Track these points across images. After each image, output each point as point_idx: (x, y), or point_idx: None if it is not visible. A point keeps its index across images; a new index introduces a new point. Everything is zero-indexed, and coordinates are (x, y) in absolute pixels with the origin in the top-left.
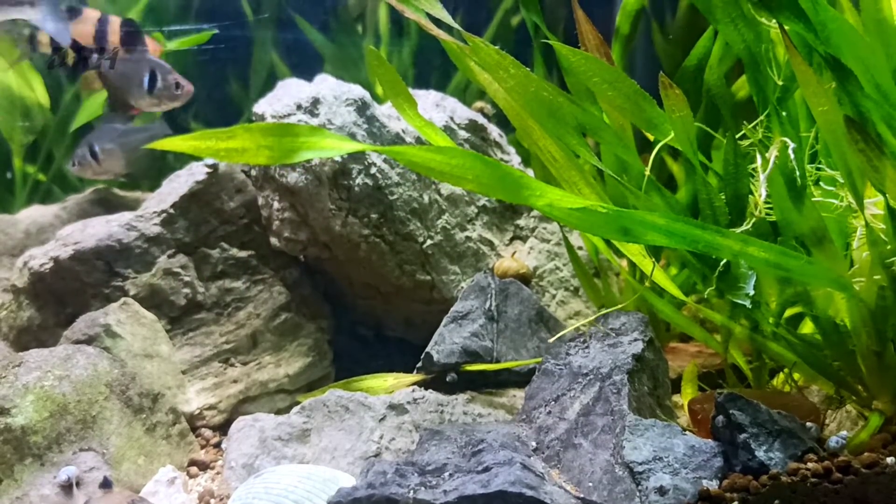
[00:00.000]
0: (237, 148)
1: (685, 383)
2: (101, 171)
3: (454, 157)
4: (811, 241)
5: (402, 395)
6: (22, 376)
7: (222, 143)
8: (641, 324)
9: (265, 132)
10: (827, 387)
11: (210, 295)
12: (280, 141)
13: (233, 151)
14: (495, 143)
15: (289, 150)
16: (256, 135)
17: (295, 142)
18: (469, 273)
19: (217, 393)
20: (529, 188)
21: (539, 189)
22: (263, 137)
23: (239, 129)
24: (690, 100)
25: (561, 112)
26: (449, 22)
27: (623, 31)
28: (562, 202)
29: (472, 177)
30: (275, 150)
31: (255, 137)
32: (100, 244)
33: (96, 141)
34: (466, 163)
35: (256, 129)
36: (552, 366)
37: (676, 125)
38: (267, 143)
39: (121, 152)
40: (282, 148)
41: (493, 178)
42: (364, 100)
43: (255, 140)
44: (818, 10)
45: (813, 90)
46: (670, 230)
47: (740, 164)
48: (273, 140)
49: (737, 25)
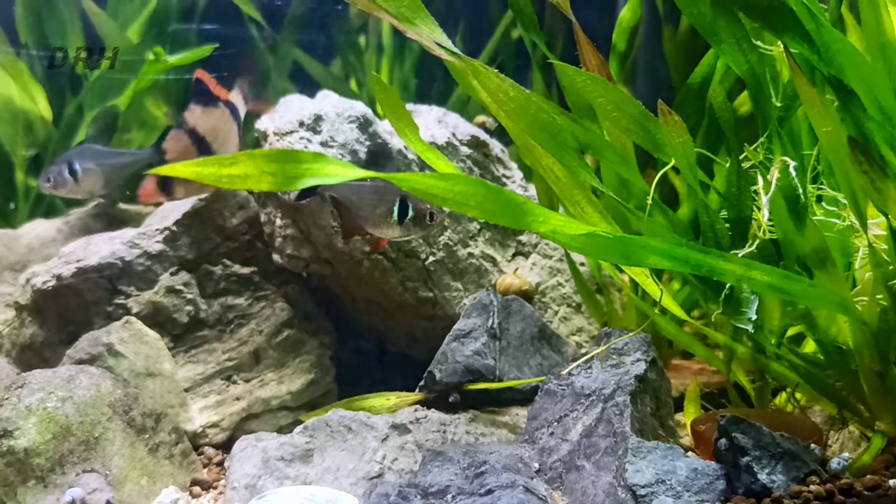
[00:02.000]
0: (240, 174)
1: (688, 402)
2: (79, 190)
3: (457, 184)
4: (813, 262)
5: (405, 414)
6: (25, 398)
7: (225, 169)
8: (644, 344)
9: (268, 158)
10: (829, 407)
11: (212, 312)
12: (283, 167)
13: (235, 178)
14: (497, 159)
15: (292, 176)
16: (259, 161)
17: (298, 168)
18: (471, 289)
19: (220, 411)
20: (533, 214)
21: (542, 215)
22: (266, 164)
23: (242, 156)
24: (694, 116)
25: (562, 135)
26: (449, 47)
27: (619, 47)
28: (565, 228)
29: (476, 203)
30: (278, 176)
31: (258, 163)
32: (102, 262)
33: (77, 159)
34: (469, 189)
35: (259, 155)
36: (555, 386)
37: (677, 151)
38: (270, 170)
39: (101, 173)
40: (285, 174)
41: (497, 204)
42: (366, 117)
43: (258, 166)
44: (822, 32)
45: (817, 111)
46: (672, 254)
47: (743, 186)
48: (276, 166)
49: (741, 46)
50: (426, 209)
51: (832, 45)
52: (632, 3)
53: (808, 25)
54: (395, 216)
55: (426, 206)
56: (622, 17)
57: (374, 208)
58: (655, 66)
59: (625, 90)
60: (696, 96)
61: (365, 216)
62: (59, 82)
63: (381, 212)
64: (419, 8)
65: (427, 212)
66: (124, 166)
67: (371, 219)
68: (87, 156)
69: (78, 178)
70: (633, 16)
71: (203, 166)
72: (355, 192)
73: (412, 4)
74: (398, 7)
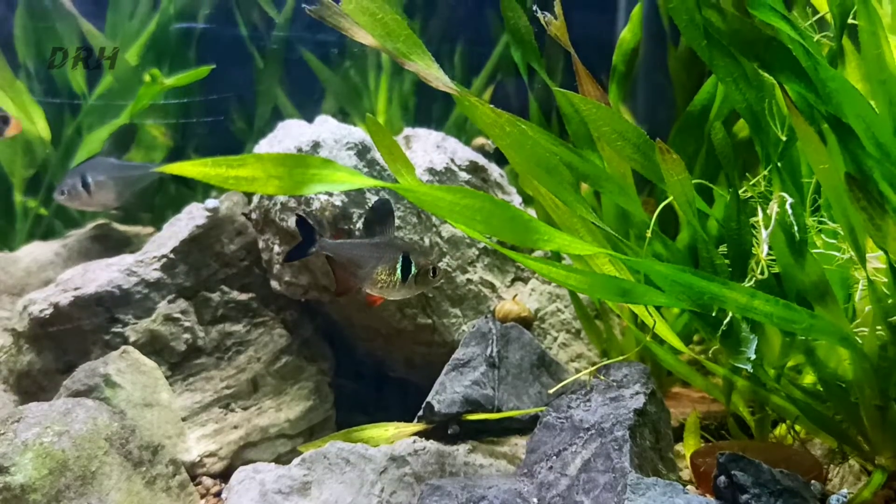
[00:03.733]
0: (247, 176)
1: (688, 434)
2: (92, 203)
3: (464, 198)
4: (813, 296)
5: (403, 445)
6: (21, 433)
7: (232, 170)
8: (643, 375)
9: (276, 162)
10: (829, 440)
11: (210, 339)
12: (291, 171)
13: (242, 180)
14: (496, 184)
15: (299, 181)
16: (267, 164)
17: (306, 173)
18: (470, 316)
19: (217, 439)
20: (538, 232)
21: (547, 233)
22: (274, 167)
23: (250, 158)
24: (695, 143)
25: (559, 170)
26: (445, 82)
27: (620, 69)
28: (570, 247)
29: (482, 218)
30: (285, 180)
31: (265, 167)
32: (100, 290)
33: (90, 172)
34: (476, 203)
35: (268, 158)
36: (553, 419)
37: (675, 188)
38: (277, 173)
39: (114, 186)
40: (292, 178)
41: (503, 219)
42: (364, 143)
43: (265, 169)
44: (819, 70)
45: (814, 148)
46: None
47: (742, 221)
48: (284, 170)
49: (738, 85)
50: (429, 265)
51: (829, 82)
52: (632, 25)
53: (804, 63)
54: (398, 274)
55: (429, 262)
56: (622, 38)
57: (373, 266)
58: (657, 82)
59: (629, 120)
60: (697, 123)
61: (364, 275)
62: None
63: (381, 270)
64: (416, 45)
65: (430, 267)
66: (136, 180)
67: (371, 277)
68: (100, 169)
69: (91, 191)
70: (633, 37)
71: (211, 167)
72: (354, 249)
73: (408, 41)
74: (395, 44)
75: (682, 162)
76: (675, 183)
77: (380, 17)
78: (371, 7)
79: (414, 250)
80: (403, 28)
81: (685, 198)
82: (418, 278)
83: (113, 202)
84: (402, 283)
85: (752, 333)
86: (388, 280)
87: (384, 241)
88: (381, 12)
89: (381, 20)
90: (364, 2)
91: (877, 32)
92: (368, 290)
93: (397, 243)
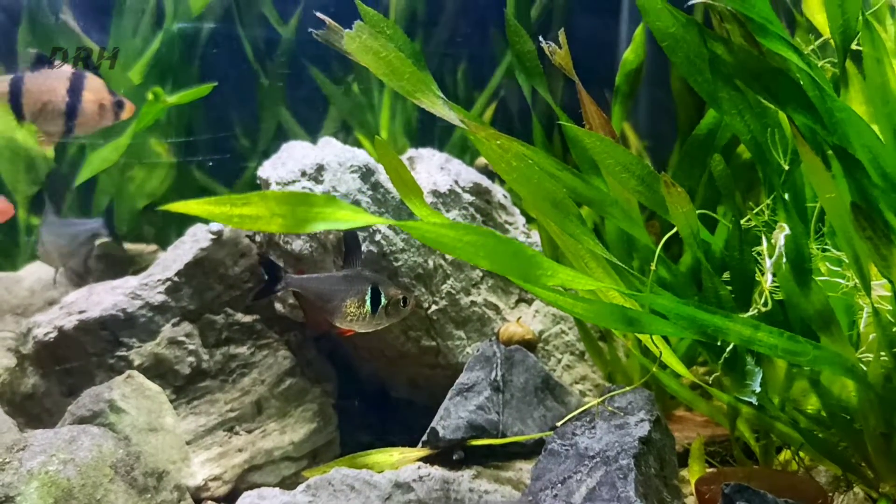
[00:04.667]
0: (251, 215)
1: (692, 460)
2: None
3: (467, 234)
4: (818, 324)
5: (408, 472)
6: (27, 461)
7: (237, 209)
8: (648, 402)
9: (280, 200)
10: (834, 468)
11: (215, 362)
12: (294, 210)
13: (246, 218)
14: (500, 206)
15: (302, 219)
16: (271, 202)
17: (309, 212)
18: (474, 338)
19: (222, 463)
20: (541, 267)
21: (550, 269)
22: (278, 205)
23: (254, 197)
24: (699, 167)
25: (565, 203)
26: (452, 117)
27: (623, 89)
28: (573, 283)
29: (485, 254)
30: (288, 218)
31: (269, 205)
32: (104, 314)
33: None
34: (479, 240)
35: (272, 196)
36: (558, 446)
37: (680, 220)
38: (281, 212)
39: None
40: (295, 217)
41: (506, 255)
42: (368, 166)
43: (269, 208)
44: (826, 100)
45: (820, 178)
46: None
47: (746, 252)
48: (287, 208)
49: (743, 117)
50: (399, 295)
51: (837, 113)
52: (635, 45)
53: (811, 93)
54: (368, 306)
55: (398, 292)
56: (625, 58)
57: (342, 300)
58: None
59: (632, 153)
60: (702, 147)
61: (333, 309)
62: None
63: (350, 303)
64: (420, 81)
65: (401, 297)
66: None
67: (340, 311)
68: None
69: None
70: (636, 57)
71: (214, 205)
72: (322, 284)
73: (413, 78)
74: (399, 82)
75: (687, 196)
76: (679, 215)
77: (384, 56)
78: (375, 46)
79: (383, 281)
80: (408, 66)
81: (690, 230)
82: (389, 309)
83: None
84: (373, 315)
85: (757, 366)
86: (358, 313)
87: (352, 274)
88: (385, 51)
89: (384, 59)
90: (368, 40)
91: (881, 59)
92: (338, 324)
93: (365, 275)
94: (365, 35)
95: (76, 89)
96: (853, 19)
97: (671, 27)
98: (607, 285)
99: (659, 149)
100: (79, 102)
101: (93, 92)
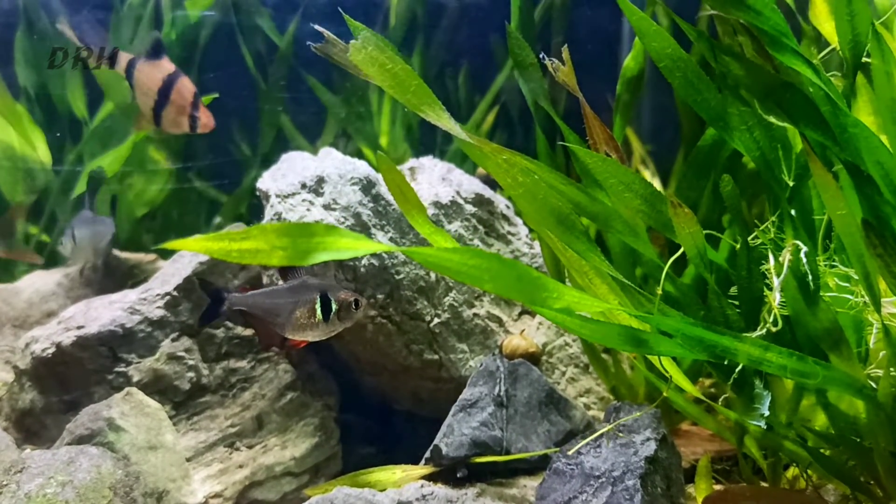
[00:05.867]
0: (251, 249)
1: (699, 478)
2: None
3: (472, 258)
4: (826, 343)
5: (411, 490)
6: (24, 484)
7: (235, 244)
8: (654, 420)
9: (279, 233)
10: (843, 486)
11: (215, 377)
12: (295, 241)
13: (246, 252)
14: (502, 216)
15: (304, 250)
16: (271, 236)
17: (310, 242)
18: (477, 351)
19: (223, 480)
20: (547, 290)
21: (556, 291)
22: (278, 238)
23: (254, 230)
24: (704, 178)
25: (570, 219)
26: (458, 132)
27: (624, 98)
28: (579, 305)
29: (490, 277)
30: (289, 250)
31: (269, 238)
32: (103, 330)
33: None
34: (484, 263)
35: (271, 229)
36: (563, 465)
37: (686, 241)
38: (282, 244)
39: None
40: (297, 248)
41: (511, 278)
42: (369, 178)
43: (269, 241)
44: (838, 115)
45: (831, 194)
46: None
47: (753, 270)
48: (288, 241)
49: (752, 133)
50: (350, 298)
51: (849, 128)
52: (635, 52)
53: (823, 108)
54: (319, 314)
55: (348, 296)
56: (626, 66)
57: (291, 312)
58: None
59: (637, 174)
60: (707, 158)
61: (283, 322)
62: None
63: (300, 313)
64: (427, 94)
65: (352, 300)
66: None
67: (291, 323)
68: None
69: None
70: (636, 65)
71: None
72: (268, 299)
73: (419, 91)
74: (405, 95)
75: (694, 216)
76: (686, 236)
77: (389, 69)
78: (381, 58)
79: (330, 286)
80: (414, 78)
81: (696, 250)
82: (341, 314)
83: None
84: (325, 322)
85: (766, 390)
86: (310, 322)
87: (298, 284)
88: (391, 63)
89: (390, 71)
90: (373, 52)
91: (891, 72)
92: (291, 336)
93: (312, 283)
94: (371, 47)
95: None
96: (863, 34)
97: (668, 48)
98: (614, 307)
99: (662, 152)
100: (165, 102)
101: (178, 96)
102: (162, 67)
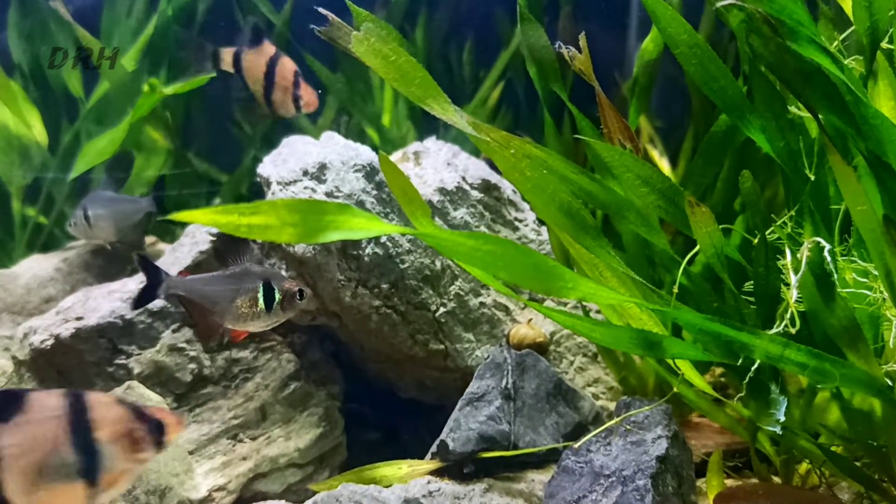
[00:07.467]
0: (260, 224)
1: (710, 473)
2: (93, 235)
3: (486, 243)
4: (843, 340)
5: (417, 486)
6: None
7: (245, 218)
8: (665, 417)
9: (291, 209)
10: (857, 485)
11: (217, 367)
12: (306, 218)
13: (255, 228)
14: (509, 202)
15: (314, 228)
16: (282, 211)
17: (321, 220)
18: (483, 340)
19: (226, 472)
20: (562, 279)
21: (571, 280)
22: (289, 214)
23: (264, 205)
24: (717, 164)
25: (580, 214)
26: (464, 126)
27: (642, 81)
28: (595, 296)
29: (504, 264)
30: (300, 227)
31: (280, 214)
32: (102, 322)
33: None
34: (497, 249)
35: (282, 205)
36: (573, 463)
37: (704, 240)
38: (292, 221)
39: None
40: (307, 226)
41: (526, 266)
42: (373, 165)
43: (279, 216)
44: (860, 106)
45: (851, 189)
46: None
47: (771, 266)
48: (298, 217)
49: (778, 122)
50: (294, 288)
51: (871, 119)
52: (654, 35)
53: (846, 97)
54: (261, 303)
55: (293, 285)
56: (644, 48)
57: (232, 300)
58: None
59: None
60: (720, 144)
61: (223, 310)
62: (55, 106)
63: (242, 302)
64: (431, 87)
65: (296, 290)
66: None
67: (231, 312)
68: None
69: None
70: (655, 47)
71: (221, 214)
72: (208, 285)
73: (423, 83)
74: (409, 87)
75: (711, 214)
76: (703, 235)
77: (393, 60)
78: (384, 49)
79: (274, 275)
80: (419, 70)
81: (714, 249)
82: (284, 304)
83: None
84: (267, 312)
85: (782, 395)
86: (251, 311)
87: (240, 271)
88: (395, 55)
89: (394, 63)
90: (377, 44)
91: None
92: (231, 326)
93: (255, 270)
94: (374, 38)
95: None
96: (882, 20)
97: (683, 33)
98: (629, 298)
99: (672, 130)
100: (272, 86)
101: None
102: (264, 52)
